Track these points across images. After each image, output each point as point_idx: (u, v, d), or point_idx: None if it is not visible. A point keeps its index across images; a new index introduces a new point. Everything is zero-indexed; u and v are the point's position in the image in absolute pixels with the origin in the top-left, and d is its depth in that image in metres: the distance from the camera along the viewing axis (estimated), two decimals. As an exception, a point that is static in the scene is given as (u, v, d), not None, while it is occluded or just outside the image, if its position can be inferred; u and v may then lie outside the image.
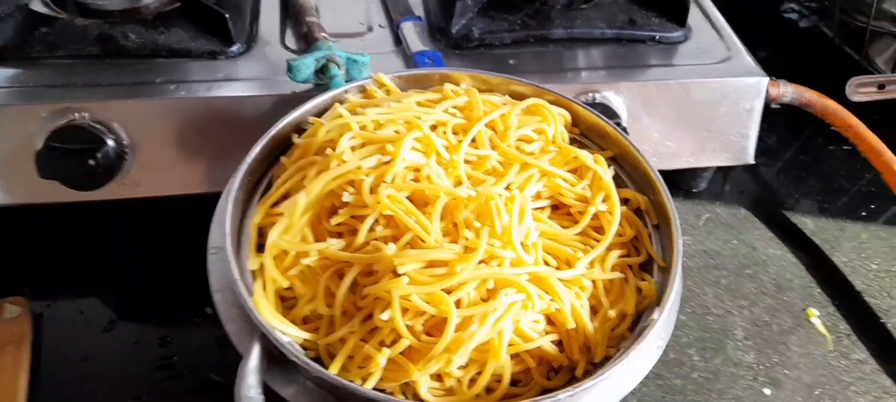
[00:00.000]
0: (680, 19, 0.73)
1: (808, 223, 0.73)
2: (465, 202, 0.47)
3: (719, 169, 0.76)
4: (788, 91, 0.71)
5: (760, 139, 0.72)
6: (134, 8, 0.68)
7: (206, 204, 0.50)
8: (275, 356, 0.41)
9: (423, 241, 0.45)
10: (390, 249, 0.43)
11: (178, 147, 0.62)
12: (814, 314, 0.65)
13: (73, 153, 0.57)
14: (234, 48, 0.65)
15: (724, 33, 0.74)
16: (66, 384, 0.54)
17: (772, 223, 0.73)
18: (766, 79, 0.69)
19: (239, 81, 0.63)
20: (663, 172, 0.70)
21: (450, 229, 0.46)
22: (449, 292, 0.43)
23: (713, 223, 0.73)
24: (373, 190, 0.46)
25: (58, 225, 0.65)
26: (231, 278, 0.43)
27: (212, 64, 0.64)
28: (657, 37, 0.72)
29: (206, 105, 0.61)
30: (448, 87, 0.56)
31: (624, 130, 0.65)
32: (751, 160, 0.72)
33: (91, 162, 0.57)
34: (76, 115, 0.58)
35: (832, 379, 0.60)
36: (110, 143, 0.59)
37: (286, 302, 0.46)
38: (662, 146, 0.70)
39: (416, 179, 0.48)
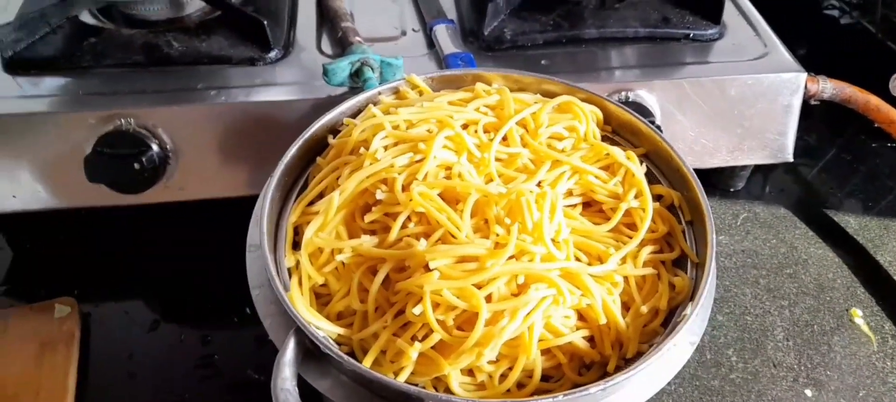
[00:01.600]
0: (714, 17, 0.72)
1: (851, 222, 0.72)
2: (496, 199, 0.47)
3: (758, 168, 0.75)
4: (828, 87, 0.70)
5: (801, 137, 0.71)
6: (177, 17, 0.70)
7: (246, 206, 0.51)
8: (310, 351, 0.42)
9: (454, 237, 0.45)
10: (422, 245, 0.44)
11: (220, 151, 0.63)
12: (858, 315, 0.64)
13: (120, 158, 0.59)
14: (272, 54, 0.67)
15: (760, 29, 0.73)
16: (113, 382, 0.56)
17: (813, 222, 0.72)
18: (804, 74, 0.68)
19: (277, 86, 0.65)
20: (699, 171, 0.70)
21: (481, 226, 0.47)
22: (480, 287, 0.43)
23: (751, 223, 0.72)
24: (405, 188, 0.47)
25: (106, 228, 0.68)
26: (268, 275, 0.44)
27: (251, 70, 0.66)
28: (691, 34, 0.72)
29: (245, 110, 0.63)
30: (480, 86, 0.56)
31: (657, 127, 0.65)
32: (789, 158, 0.71)
33: (136, 166, 0.59)
34: (122, 121, 0.60)
35: (877, 381, 0.59)
36: (154, 147, 0.61)
37: (321, 299, 0.47)
38: (698, 144, 0.69)
39: (447, 177, 0.49)
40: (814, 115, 0.80)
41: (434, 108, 0.52)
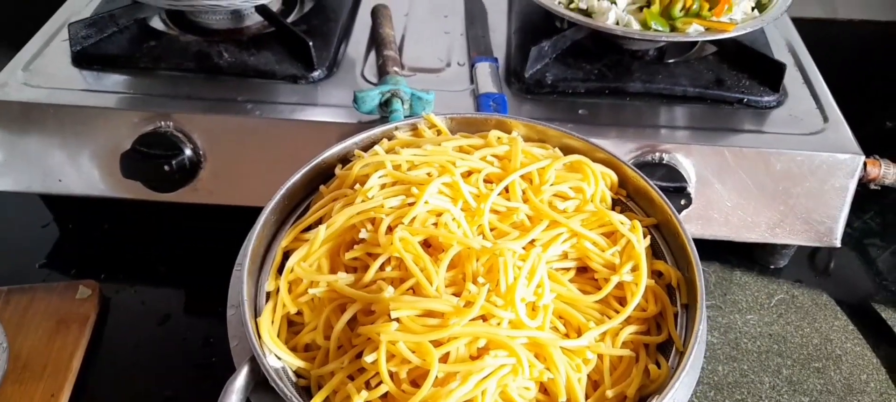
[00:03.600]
0: (773, 84, 0.68)
1: (901, 323, 0.66)
2: (478, 254, 0.46)
3: (805, 248, 0.71)
4: (891, 172, 0.65)
5: (863, 221, 0.66)
6: (237, 29, 0.74)
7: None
8: (264, 380, 0.43)
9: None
10: (389, 292, 0.44)
11: (250, 162, 0.66)
12: (887, 425, 0.59)
13: (153, 158, 0.63)
14: (315, 74, 0.69)
15: (823, 102, 0.69)
16: (115, 368, 0.59)
17: (855, 316, 0.66)
18: (862, 157, 0.63)
19: (314, 107, 0.67)
20: (734, 244, 0.67)
21: (458, 280, 0.46)
22: (439, 344, 0.43)
23: (787, 305, 0.67)
24: (391, 230, 0.47)
25: (142, 220, 0.72)
26: (240, 298, 0.45)
27: (293, 87, 0.68)
28: (745, 100, 0.68)
29: (278, 126, 0.65)
30: (493, 134, 0.56)
31: (686, 196, 0.62)
32: (836, 244, 0.66)
33: (166, 168, 0.62)
34: (162, 123, 0.64)
35: None
36: (187, 152, 0.64)
37: (294, 327, 0.48)
38: (735, 216, 0.66)
39: (436, 224, 0.49)
40: (884, 199, 0.74)
41: (438, 152, 0.52)
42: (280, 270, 0.50)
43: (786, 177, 0.64)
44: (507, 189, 0.52)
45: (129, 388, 0.58)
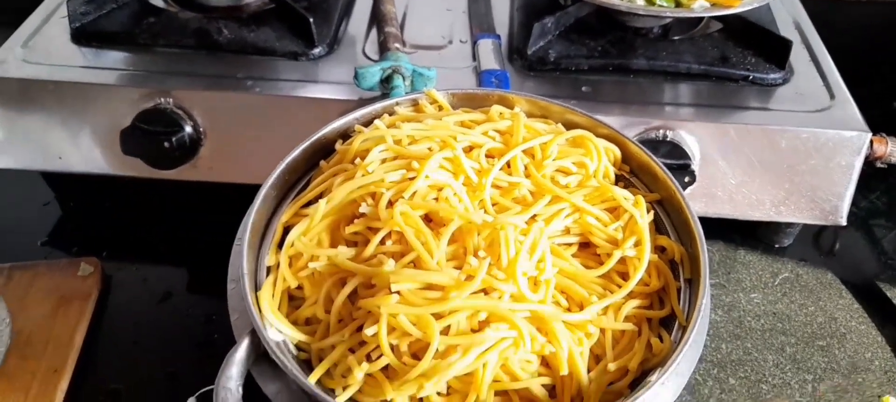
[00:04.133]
0: (779, 61, 0.68)
1: (906, 301, 0.66)
2: (479, 228, 0.46)
3: (810, 226, 0.70)
4: (898, 150, 0.64)
5: (867, 199, 0.65)
6: (238, 5, 0.73)
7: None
8: (264, 353, 0.43)
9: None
10: (389, 265, 0.44)
11: (250, 139, 0.66)
12: (891, 403, 0.58)
13: (152, 135, 0.62)
14: (316, 51, 0.69)
15: (830, 79, 0.68)
16: (117, 344, 0.59)
17: (860, 294, 0.66)
18: (869, 134, 0.62)
19: (315, 84, 0.66)
20: (738, 222, 0.67)
21: (460, 254, 0.46)
22: (440, 317, 0.42)
23: (791, 284, 0.67)
24: (391, 204, 0.47)
25: (144, 198, 0.72)
26: (240, 272, 0.45)
27: (293, 64, 0.68)
28: (751, 77, 0.67)
29: (279, 103, 0.64)
30: (495, 109, 0.55)
31: (690, 173, 0.62)
32: (841, 222, 0.65)
33: (166, 145, 0.62)
34: (161, 99, 0.63)
35: (898, 480, 0.54)
36: (187, 129, 0.64)
37: (295, 301, 0.48)
38: (739, 194, 0.65)
39: (437, 199, 0.48)
40: (891, 178, 0.74)
41: (439, 126, 0.52)
42: (280, 245, 0.49)
43: (791, 154, 0.63)
44: (509, 164, 0.52)
45: (131, 365, 0.58)
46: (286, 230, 0.50)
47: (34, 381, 0.54)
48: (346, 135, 0.56)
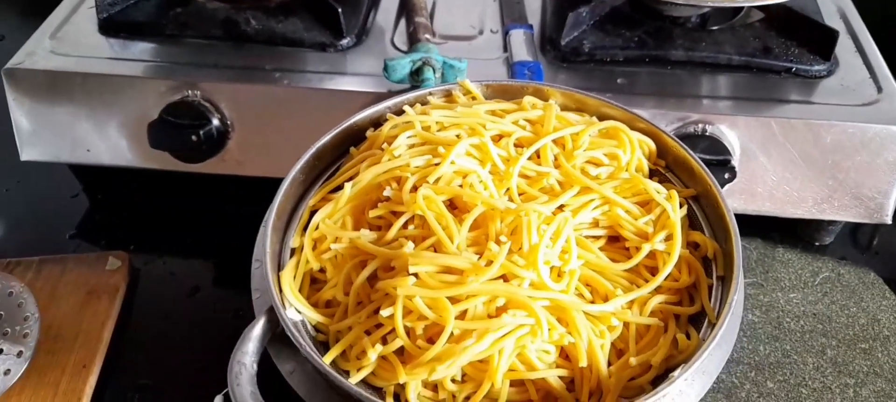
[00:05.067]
0: (824, 52, 0.65)
1: (955, 303, 0.63)
2: (503, 214, 0.45)
3: (853, 225, 0.68)
4: (949, 147, 0.62)
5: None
6: (266, -5, 0.72)
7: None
8: (281, 333, 0.42)
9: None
10: (408, 248, 0.43)
11: (278, 132, 0.65)
12: (938, 410, 0.56)
13: (180, 128, 0.62)
14: (344, 42, 0.67)
15: (878, 72, 0.65)
16: (145, 339, 0.59)
17: (906, 296, 0.64)
18: (918, 130, 0.60)
19: (343, 76, 0.65)
20: (777, 219, 0.65)
21: (481, 240, 0.45)
22: (456, 301, 0.41)
23: (832, 284, 0.65)
24: (415, 189, 0.46)
25: (172, 191, 0.71)
26: (264, 251, 0.45)
27: (321, 55, 0.67)
28: (794, 69, 0.65)
29: (307, 96, 0.63)
30: (527, 99, 0.54)
31: (731, 169, 0.60)
32: (888, 220, 0.63)
33: (194, 138, 0.61)
34: (190, 92, 0.63)
35: (945, 490, 0.52)
36: (215, 122, 0.63)
37: (317, 285, 0.47)
38: (779, 190, 0.63)
39: (462, 186, 0.47)
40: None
41: (468, 113, 0.51)
42: (306, 228, 0.49)
43: (836, 150, 0.61)
44: (538, 154, 0.50)
45: (158, 360, 0.57)
46: (312, 214, 0.50)
47: (64, 376, 0.54)
48: (377, 123, 0.55)
